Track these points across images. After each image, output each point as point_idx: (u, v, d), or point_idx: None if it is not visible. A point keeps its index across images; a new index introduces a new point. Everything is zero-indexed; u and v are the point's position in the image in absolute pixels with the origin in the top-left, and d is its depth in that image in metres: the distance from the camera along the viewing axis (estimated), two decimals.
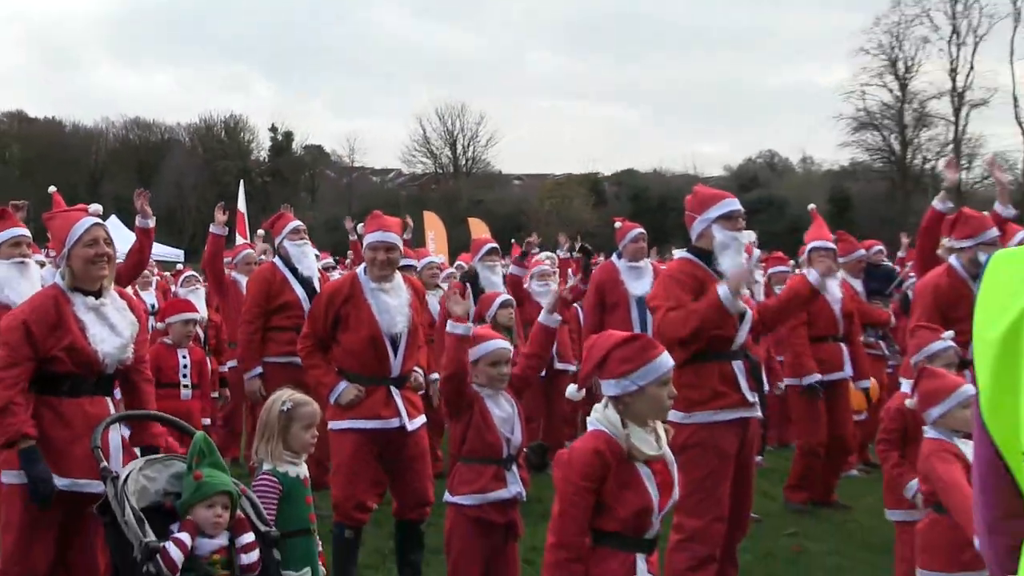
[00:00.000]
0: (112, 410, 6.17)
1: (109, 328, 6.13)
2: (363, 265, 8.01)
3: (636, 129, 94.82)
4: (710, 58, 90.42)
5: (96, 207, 6.52)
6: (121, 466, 5.88)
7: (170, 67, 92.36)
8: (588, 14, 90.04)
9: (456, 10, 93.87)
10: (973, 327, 2.49)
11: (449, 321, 6.04)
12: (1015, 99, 60.07)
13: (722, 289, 5.02)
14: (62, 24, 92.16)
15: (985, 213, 9.53)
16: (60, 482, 5.91)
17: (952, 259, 9.11)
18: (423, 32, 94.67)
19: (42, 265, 9.04)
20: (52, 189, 7.28)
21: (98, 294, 6.14)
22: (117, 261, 6.82)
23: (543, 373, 9.50)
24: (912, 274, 12.70)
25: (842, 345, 11.12)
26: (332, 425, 7.76)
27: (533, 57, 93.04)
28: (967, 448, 6.17)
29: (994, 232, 9.20)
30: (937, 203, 9.29)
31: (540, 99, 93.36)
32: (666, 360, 4.80)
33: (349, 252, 16.39)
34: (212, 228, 9.32)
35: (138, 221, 8.67)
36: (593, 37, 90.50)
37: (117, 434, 6.27)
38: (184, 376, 10.92)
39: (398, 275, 7.97)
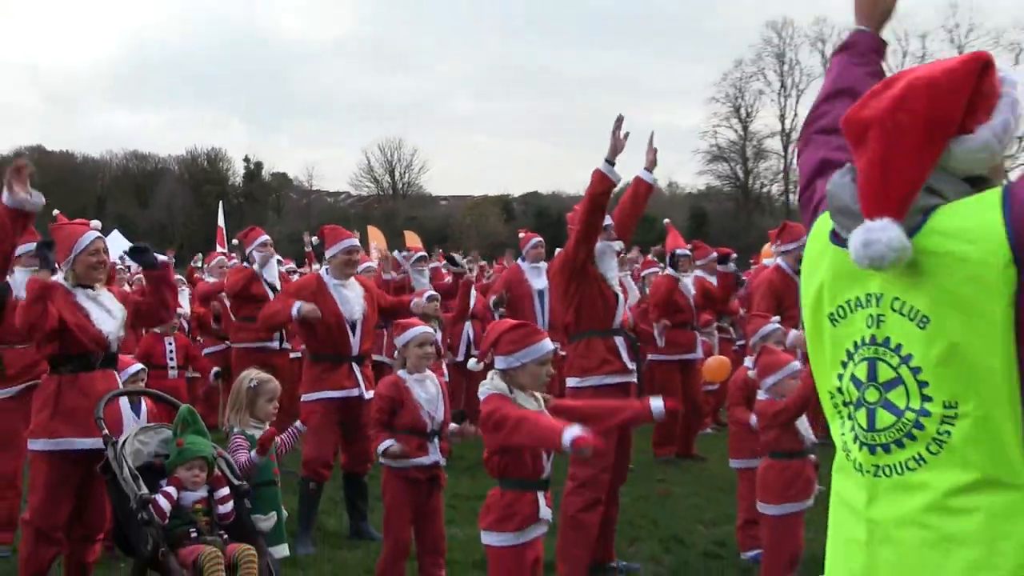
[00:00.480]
0: (119, 381, 6.19)
1: (107, 312, 6.14)
2: (325, 267, 8.13)
3: (538, 158, 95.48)
4: (595, 101, 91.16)
5: (96, 223, 6.53)
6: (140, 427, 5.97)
7: (162, 108, 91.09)
8: (497, 67, 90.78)
9: (395, 62, 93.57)
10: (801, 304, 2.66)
11: None
12: None
13: None
14: (71, 72, 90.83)
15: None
16: (84, 443, 5.90)
17: (780, 260, 9.44)
18: (368, 80, 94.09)
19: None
20: (56, 212, 7.24)
21: (91, 287, 6.18)
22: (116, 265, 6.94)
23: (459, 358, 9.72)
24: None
25: (696, 332, 11.33)
26: (305, 397, 7.90)
27: (456, 100, 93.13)
28: None
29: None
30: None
31: (462, 134, 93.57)
32: (546, 344, 4.84)
33: (305, 260, 16.37)
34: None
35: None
36: (502, 85, 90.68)
37: (127, 403, 6.32)
38: (171, 359, 10.92)
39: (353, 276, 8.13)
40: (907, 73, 2.43)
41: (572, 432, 4.39)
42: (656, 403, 4.78)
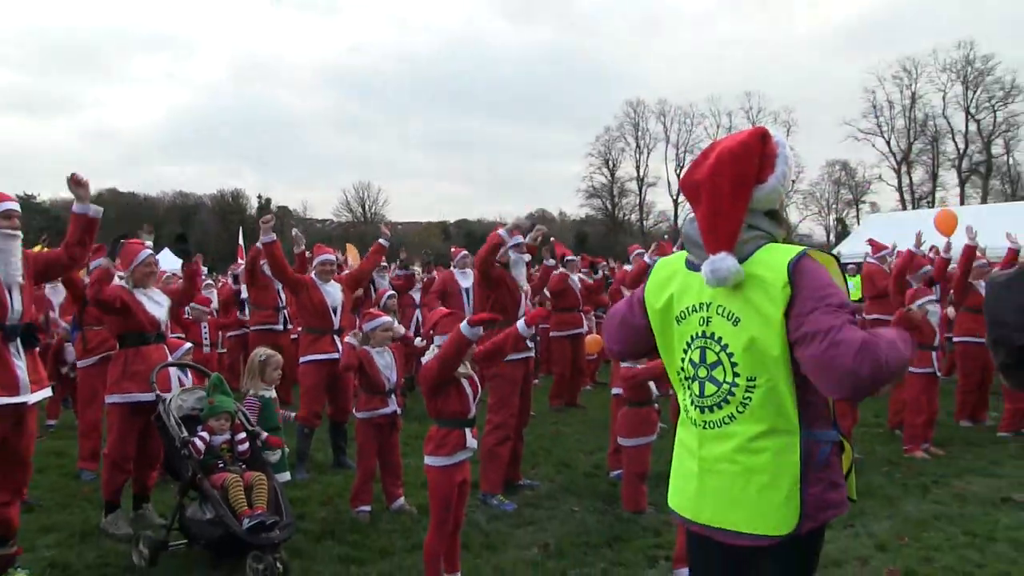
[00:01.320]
0: (168, 353, 6.17)
1: (157, 304, 6.17)
2: (315, 271, 8.14)
3: (465, 196, 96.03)
4: (503, 155, 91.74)
5: (149, 242, 6.51)
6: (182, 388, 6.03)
7: (196, 161, 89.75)
8: (432, 132, 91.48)
9: (361, 128, 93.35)
10: (646, 302, 2.78)
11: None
12: (669, 183, 65.24)
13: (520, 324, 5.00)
14: (134, 134, 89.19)
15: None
16: (143, 397, 5.91)
17: (646, 258, 9.60)
18: (345, 139, 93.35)
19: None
20: (122, 239, 7.14)
21: (145, 287, 6.18)
22: (165, 273, 6.96)
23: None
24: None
25: (581, 313, 11.47)
26: (301, 360, 7.93)
27: (410, 153, 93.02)
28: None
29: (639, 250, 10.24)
30: (647, 258, 9.62)
31: (413, 180, 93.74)
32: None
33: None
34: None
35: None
36: (441, 147, 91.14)
37: (176, 372, 6.34)
38: (205, 339, 10.93)
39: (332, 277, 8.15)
40: (717, 144, 2.60)
41: (464, 323, 4.53)
42: (521, 324, 4.82)
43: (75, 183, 5.04)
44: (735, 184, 2.47)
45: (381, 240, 8.72)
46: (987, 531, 5.95)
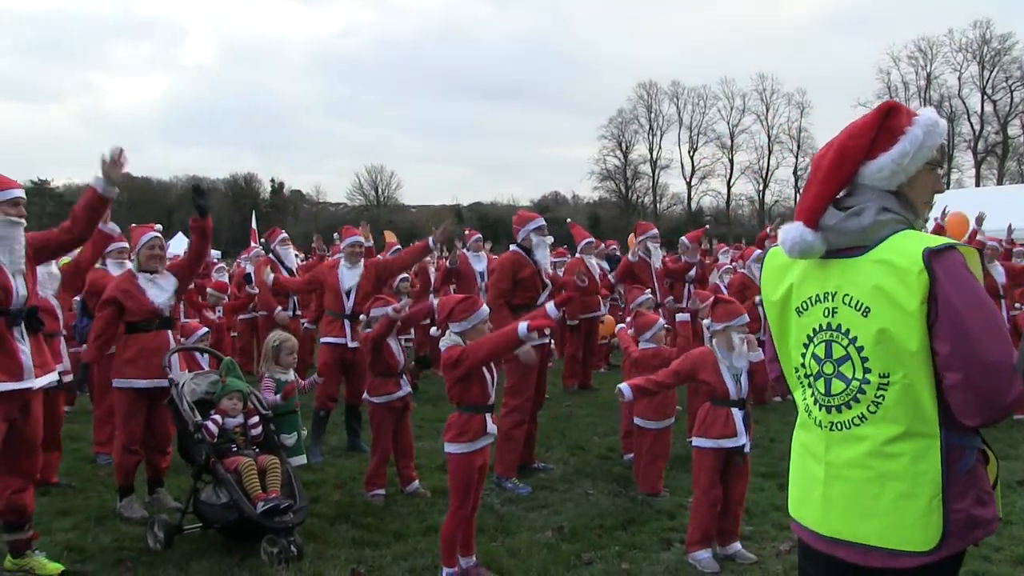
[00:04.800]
0: (171, 339, 6.12)
1: (160, 289, 6.08)
2: (340, 254, 8.14)
3: (477, 179, 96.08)
4: (518, 142, 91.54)
5: (158, 226, 6.48)
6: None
7: (195, 146, 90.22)
8: (442, 121, 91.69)
9: (361, 113, 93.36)
10: (762, 293, 2.61)
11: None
12: (682, 165, 65.11)
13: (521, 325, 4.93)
14: (130, 117, 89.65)
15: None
16: (142, 383, 5.94)
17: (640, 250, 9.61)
18: (351, 124, 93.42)
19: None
20: (132, 225, 7.10)
21: (152, 272, 6.12)
22: (177, 257, 6.90)
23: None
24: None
25: (599, 297, 11.31)
26: (321, 340, 7.96)
27: (410, 137, 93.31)
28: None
29: (654, 231, 10.06)
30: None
31: (414, 164, 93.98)
32: (485, 311, 4.81)
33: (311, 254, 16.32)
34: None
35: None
36: (447, 132, 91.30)
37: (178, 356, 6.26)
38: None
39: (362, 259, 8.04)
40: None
41: (523, 325, 4.51)
42: (550, 306, 4.80)
43: (113, 163, 4.87)
44: (835, 161, 2.34)
45: (431, 240, 8.25)
46: (1004, 514, 5.88)
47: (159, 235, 6.29)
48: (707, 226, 11.08)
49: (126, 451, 6.06)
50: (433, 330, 5.36)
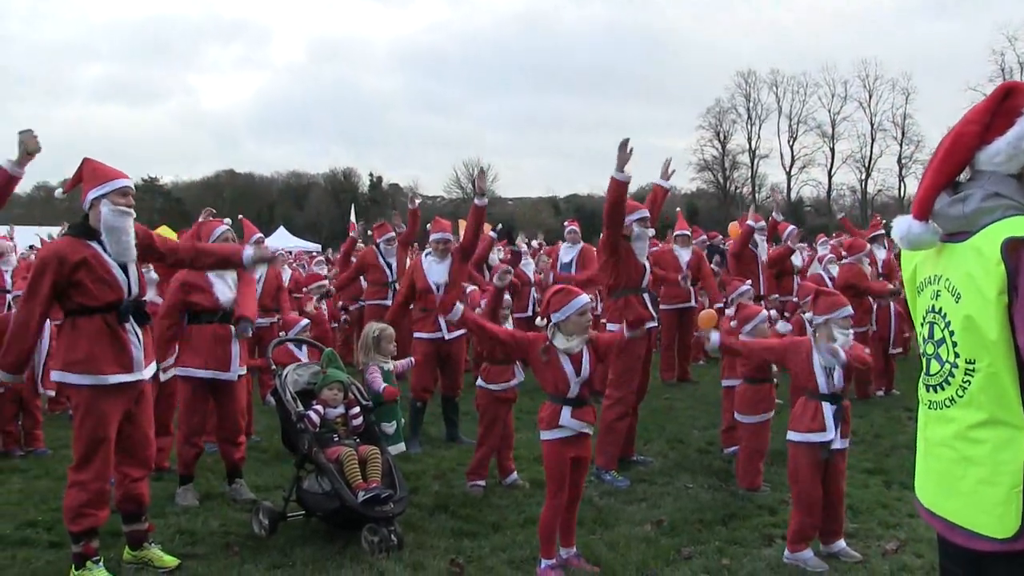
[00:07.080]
0: (232, 331, 6.30)
1: (226, 286, 6.27)
2: (429, 248, 8.21)
3: (572, 169, 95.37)
4: (610, 134, 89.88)
5: (227, 221, 6.67)
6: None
7: (289, 143, 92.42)
8: (530, 114, 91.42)
9: (451, 107, 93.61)
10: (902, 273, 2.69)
11: None
12: (781, 155, 63.13)
13: None
14: (232, 115, 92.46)
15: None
16: (202, 373, 6.15)
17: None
18: (438, 118, 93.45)
19: None
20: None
21: None
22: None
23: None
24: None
25: (691, 288, 11.09)
26: (415, 335, 8.07)
27: (494, 135, 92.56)
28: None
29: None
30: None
31: (504, 157, 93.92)
32: (581, 299, 4.75)
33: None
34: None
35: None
36: (535, 124, 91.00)
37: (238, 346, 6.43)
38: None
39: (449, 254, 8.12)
40: None
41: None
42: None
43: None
44: (948, 149, 2.29)
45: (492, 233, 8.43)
46: None
47: (229, 228, 6.47)
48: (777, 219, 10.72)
49: (187, 443, 6.25)
50: (539, 320, 5.34)
